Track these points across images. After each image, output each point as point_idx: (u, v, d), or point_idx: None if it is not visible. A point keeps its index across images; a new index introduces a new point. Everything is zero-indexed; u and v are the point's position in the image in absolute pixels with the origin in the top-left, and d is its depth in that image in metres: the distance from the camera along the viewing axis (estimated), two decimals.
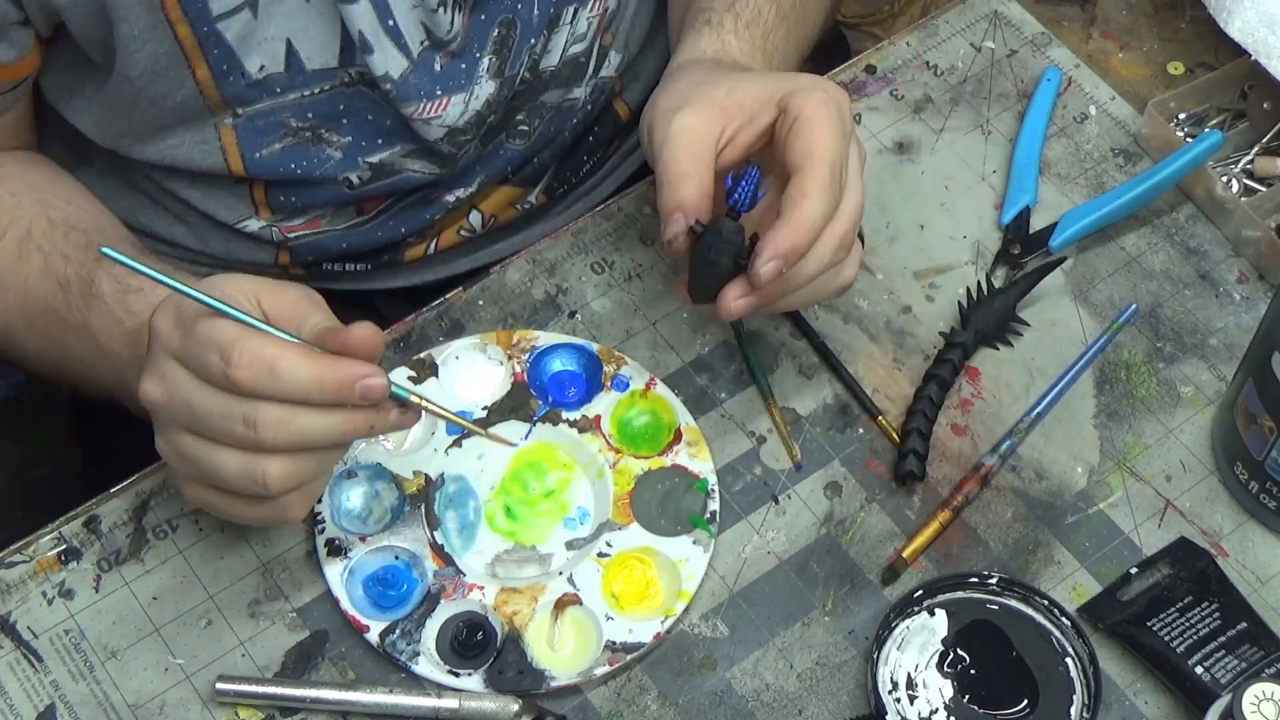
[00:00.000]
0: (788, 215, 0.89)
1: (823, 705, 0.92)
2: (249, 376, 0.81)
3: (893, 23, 1.85)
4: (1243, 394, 0.95)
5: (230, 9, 0.98)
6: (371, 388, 0.83)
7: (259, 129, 1.06)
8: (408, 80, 1.05)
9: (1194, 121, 1.13)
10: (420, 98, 1.06)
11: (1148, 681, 0.93)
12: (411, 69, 1.05)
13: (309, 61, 1.03)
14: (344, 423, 0.84)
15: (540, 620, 0.93)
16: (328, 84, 1.05)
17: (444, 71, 1.07)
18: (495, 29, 1.08)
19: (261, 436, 0.82)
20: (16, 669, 0.92)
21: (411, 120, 1.07)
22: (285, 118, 1.06)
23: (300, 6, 1.01)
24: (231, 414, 0.82)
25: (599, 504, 0.97)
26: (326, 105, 1.06)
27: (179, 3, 0.97)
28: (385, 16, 1.02)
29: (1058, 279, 1.07)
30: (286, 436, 0.82)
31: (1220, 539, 0.98)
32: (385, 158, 1.10)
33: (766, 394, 1.02)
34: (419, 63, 1.05)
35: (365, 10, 1.01)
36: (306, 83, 1.04)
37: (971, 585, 0.94)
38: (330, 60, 1.04)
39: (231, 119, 1.05)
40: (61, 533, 0.96)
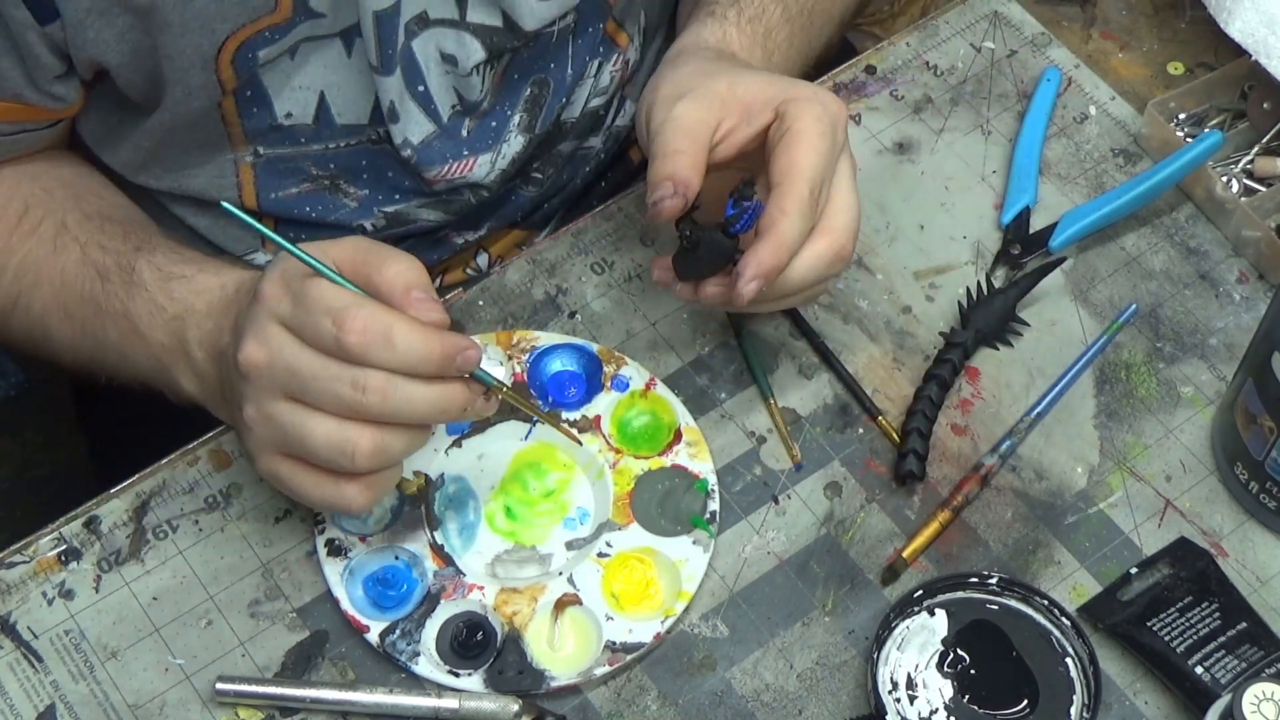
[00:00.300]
0: (768, 234, 0.90)
1: (823, 705, 0.92)
2: (362, 341, 0.81)
3: (893, 23, 1.85)
4: (1243, 394, 0.95)
5: (274, 58, 0.99)
6: (469, 358, 0.84)
7: (278, 171, 1.06)
8: (430, 145, 1.06)
9: (1194, 121, 1.13)
10: (444, 160, 1.07)
11: (1148, 681, 0.93)
12: (438, 133, 1.05)
13: (339, 116, 1.04)
14: (443, 396, 0.85)
15: (540, 620, 0.93)
16: (354, 139, 1.06)
17: (472, 134, 1.07)
18: (528, 88, 1.08)
19: (368, 400, 0.82)
20: (16, 669, 0.92)
21: (434, 182, 1.08)
22: (305, 165, 1.06)
23: (339, 61, 1.01)
24: (339, 377, 0.82)
25: (599, 504, 0.97)
26: (349, 158, 1.07)
27: (232, 62, 0.97)
28: (415, 82, 1.03)
29: (1058, 279, 1.07)
30: (391, 404, 0.83)
31: (1220, 539, 0.98)
32: (401, 209, 1.11)
33: (767, 394, 1.02)
34: (448, 127, 1.06)
35: (396, 79, 1.02)
36: (333, 136, 1.05)
37: (971, 585, 0.94)
38: (361, 118, 1.05)
39: (252, 157, 1.05)
40: (61, 533, 0.96)
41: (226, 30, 0.95)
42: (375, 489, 0.87)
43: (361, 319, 0.82)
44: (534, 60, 1.08)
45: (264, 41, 0.97)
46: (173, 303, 0.95)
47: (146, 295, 0.95)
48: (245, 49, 0.97)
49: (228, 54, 0.97)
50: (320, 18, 0.98)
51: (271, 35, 0.97)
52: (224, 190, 1.07)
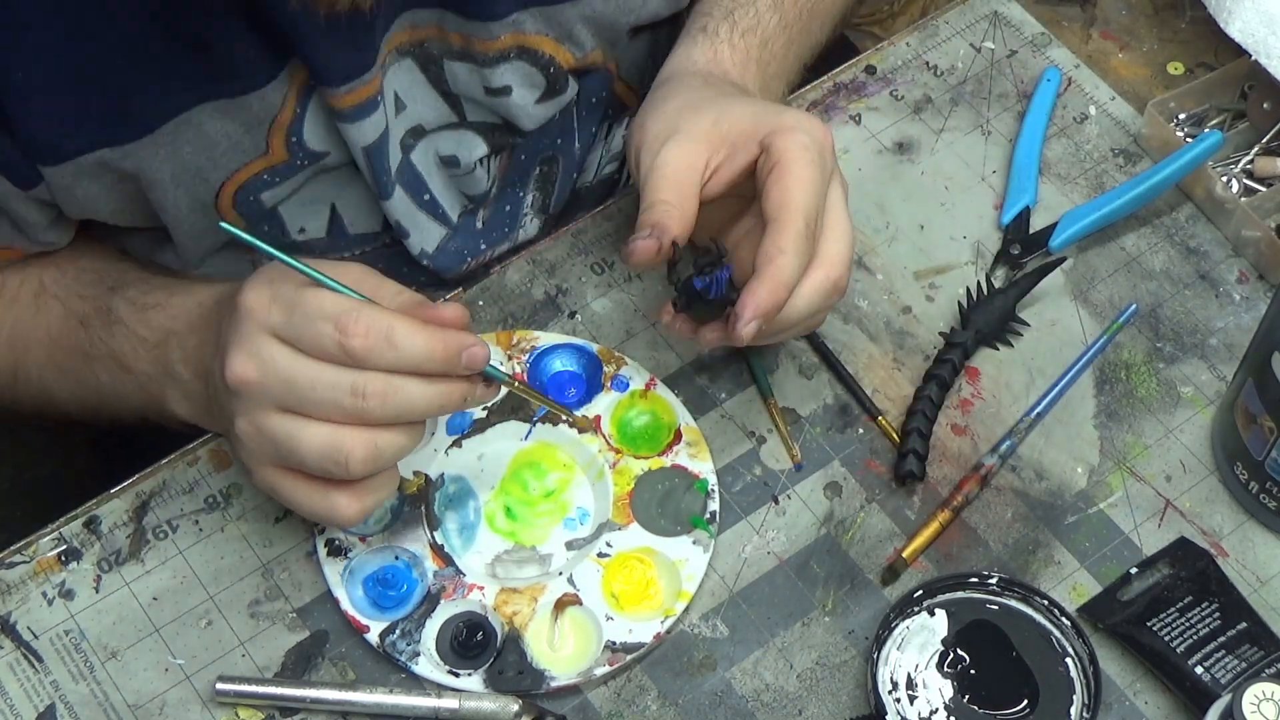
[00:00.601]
0: (764, 273, 0.88)
1: (823, 705, 0.92)
2: (365, 345, 0.81)
3: (893, 23, 1.85)
4: (1243, 394, 0.95)
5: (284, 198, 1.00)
6: (476, 356, 0.84)
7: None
8: (446, 250, 1.06)
9: (1194, 121, 1.13)
10: (463, 259, 1.08)
11: (1148, 681, 0.93)
12: (451, 235, 1.06)
13: (352, 227, 1.05)
14: (444, 393, 0.84)
15: (540, 620, 0.93)
16: (369, 246, 1.07)
17: (487, 225, 1.08)
18: (537, 168, 1.08)
19: (369, 405, 0.82)
20: (16, 669, 0.92)
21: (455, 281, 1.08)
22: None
23: (349, 177, 1.01)
24: (339, 384, 0.82)
25: (599, 504, 0.97)
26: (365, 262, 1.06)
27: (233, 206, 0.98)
28: (420, 192, 1.03)
29: (1058, 279, 1.07)
30: (392, 407, 0.83)
31: (1220, 539, 0.98)
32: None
33: (766, 394, 1.02)
34: (460, 226, 1.06)
35: (400, 198, 1.02)
36: (348, 245, 1.06)
37: (971, 585, 0.94)
38: (374, 226, 1.05)
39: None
40: (61, 533, 0.96)
41: (220, 178, 0.96)
42: (366, 497, 0.86)
43: (364, 321, 0.81)
44: (538, 141, 1.07)
45: (263, 184, 0.98)
46: (152, 331, 0.95)
47: (126, 330, 0.96)
48: (244, 192, 0.97)
49: (227, 199, 0.97)
50: (322, 156, 0.98)
51: (270, 178, 0.97)
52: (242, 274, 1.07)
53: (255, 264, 1.05)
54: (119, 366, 0.96)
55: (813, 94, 1.15)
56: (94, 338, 0.97)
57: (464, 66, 1.00)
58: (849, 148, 1.13)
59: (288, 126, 0.96)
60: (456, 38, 0.99)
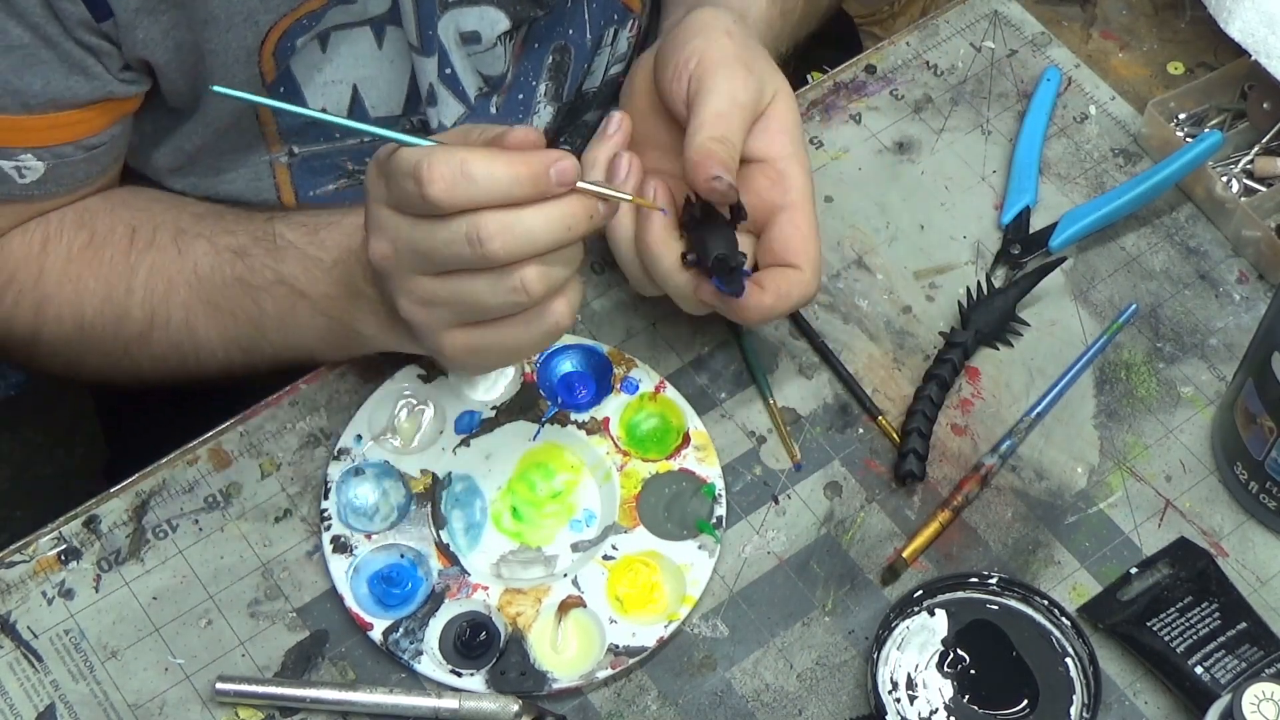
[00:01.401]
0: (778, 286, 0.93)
1: (823, 705, 0.92)
2: (445, 188, 0.79)
3: (893, 23, 1.85)
4: (1243, 394, 0.95)
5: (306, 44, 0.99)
6: (565, 169, 0.81)
7: (313, 169, 1.06)
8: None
9: (1194, 121, 1.13)
10: None
11: (1148, 681, 0.93)
12: (468, 114, 1.05)
13: (373, 109, 1.04)
14: (564, 214, 0.82)
15: (544, 622, 0.93)
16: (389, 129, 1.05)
17: (501, 111, 1.07)
18: (550, 56, 1.08)
19: (490, 249, 0.80)
20: (16, 669, 0.92)
21: None
22: (341, 160, 1.06)
23: (370, 52, 1.01)
24: (453, 237, 0.80)
25: (605, 506, 0.97)
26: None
27: (274, 53, 0.97)
28: (443, 66, 1.02)
29: (1058, 279, 1.07)
30: (515, 242, 0.80)
31: (1220, 539, 0.98)
32: None
33: (766, 394, 1.02)
34: (476, 108, 1.06)
35: (434, 62, 1.01)
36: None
37: (971, 585, 0.94)
38: (395, 108, 1.05)
39: (287, 157, 1.05)
40: (61, 533, 0.96)
41: (269, 21, 0.95)
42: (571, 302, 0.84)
43: (435, 166, 0.79)
44: (552, 27, 1.07)
45: (300, 30, 0.97)
46: (327, 251, 0.93)
47: (298, 253, 0.93)
48: (286, 38, 0.96)
49: (270, 45, 0.96)
50: (350, 3, 0.97)
51: (309, 23, 0.97)
52: (262, 193, 1.07)
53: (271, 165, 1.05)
54: (291, 291, 0.94)
55: (813, 94, 1.15)
56: (256, 266, 0.95)
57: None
58: (849, 147, 1.13)
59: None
60: None
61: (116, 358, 1.01)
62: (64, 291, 0.99)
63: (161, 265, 0.98)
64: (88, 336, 1.00)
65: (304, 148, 1.05)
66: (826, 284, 1.07)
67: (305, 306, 0.94)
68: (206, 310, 0.97)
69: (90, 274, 0.99)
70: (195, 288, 0.97)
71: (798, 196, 0.94)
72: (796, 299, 0.94)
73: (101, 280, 0.99)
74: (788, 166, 0.95)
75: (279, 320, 0.96)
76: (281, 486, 0.98)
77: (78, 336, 1.01)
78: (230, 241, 0.96)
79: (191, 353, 1.00)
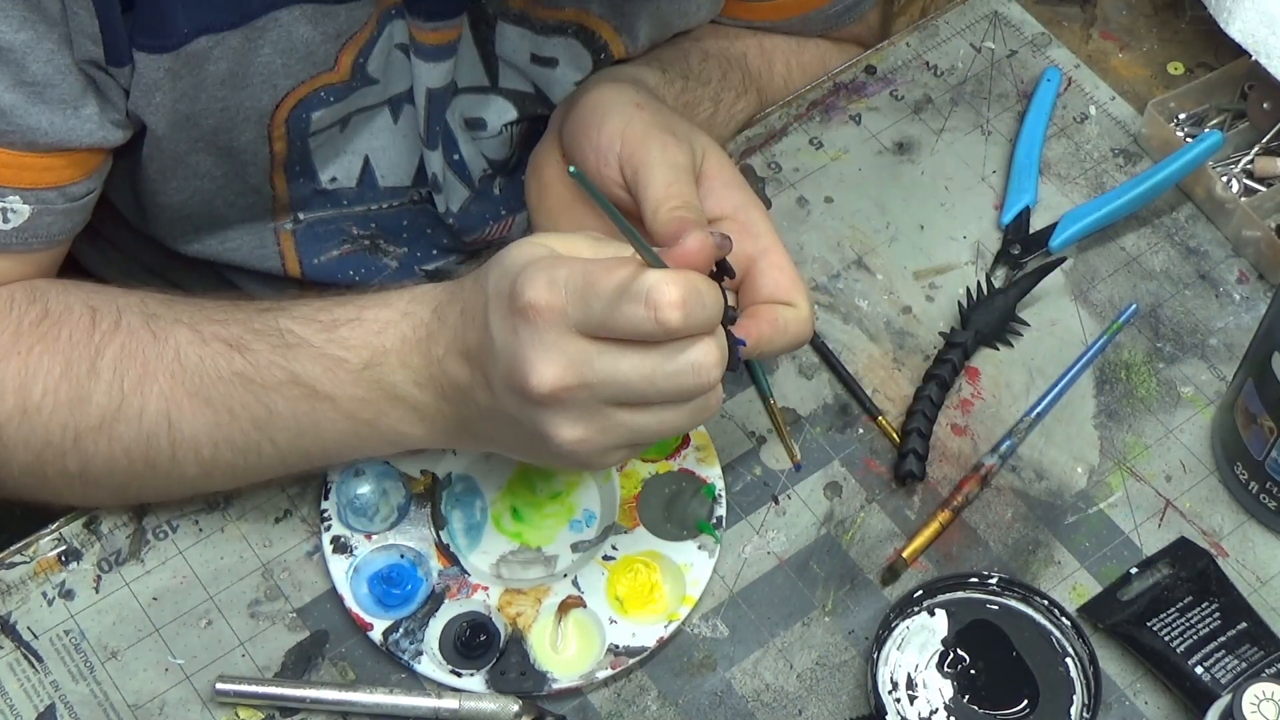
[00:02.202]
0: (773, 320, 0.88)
1: (823, 705, 0.92)
2: (682, 314, 0.74)
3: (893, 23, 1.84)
4: (1243, 394, 0.95)
5: (326, 125, 0.98)
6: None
7: (318, 235, 1.06)
8: (469, 211, 1.06)
9: (1194, 121, 1.13)
10: (485, 223, 1.08)
11: (1148, 681, 0.93)
12: (473, 198, 1.05)
13: (383, 180, 1.04)
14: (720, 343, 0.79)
15: (544, 622, 0.93)
16: (397, 200, 1.06)
17: (504, 194, 1.07)
18: None
19: (713, 376, 0.77)
20: (16, 669, 0.92)
21: (474, 244, 1.08)
22: (346, 225, 1.06)
23: (386, 126, 1.01)
24: (678, 370, 0.76)
25: (605, 507, 0.97)
26: (391, 219, 1.07)
27: (285, 121, 0.96)
28: (451, 151, 1.03)
29: (1058, 279, 1.07)
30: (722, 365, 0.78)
31: (1220, 539, 0.98)
32: (441, 266, 1.11)
33: (766, 394, 1.02)
34: (480, 191, 1.06)
35: (438, 154, 1.02)
36: (376, 198, 1.05)
37: (971, 585, 0.94)
38: (404, 180, 1.05)
39: (291, 224, 1.05)
40: (61, 533, 0.96)
41: (287, 87, 0.94)
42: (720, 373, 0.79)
43: (674, 290, 0.74)
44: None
45: (319, 102, 0.96)
46: (353, 351, 0.84)
47: (314, 351, 0.85)
48: (301, 108, 0.95)
49: (284, 111, 0.95)
50: (374, 84, 0.97)
51: (327, 96, 0.96)
52: (266, 260, 1.06)
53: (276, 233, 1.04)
54: (310, 394, 0.85)
55: (813, 94, 1.15)
56: (260, 364, 0.86)
57: (517, 30, 0.99)
58: (849, 147, 1.13)
59: (361, 46, 0.94)
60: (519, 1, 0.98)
61: (57, 454, 0.89)
62: (10, 366, 0.88)
63: (134, 349, 0.87)
64: (30, 422, 0.88)
65: (310, 214, 1.05)
66: (827, 284, 1.07)
67: (327, 409, 0.86)
68: (195, 404, 0.87)
69: (45, 349, 0.88)
70: (180, 378, 0.87)
71: (769, 240, 0.91)
72: (794, 334, 0.89)
73: (59, 357, 0.88)
74: (748, 215, 0.92)
75: (292, 422, 0.87)
76: (281, 487, 0.98)
77: (19, 421, 0.88)
78: (220, 331, 0.87)
79: (166, 449, 0.88)
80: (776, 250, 0.91)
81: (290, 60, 0.92)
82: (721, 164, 0.94)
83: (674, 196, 0.89)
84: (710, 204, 0.92)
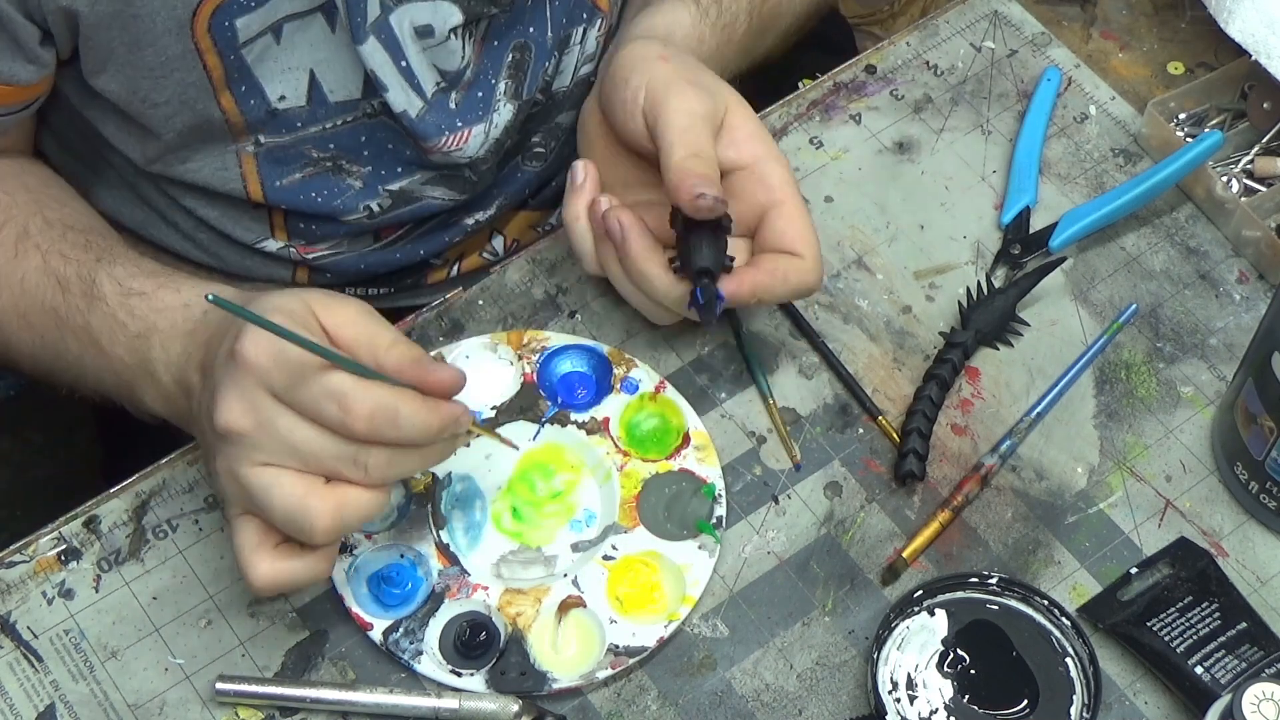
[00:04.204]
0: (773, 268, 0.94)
1: (823, 705, 0.92)
2: (369, 427, 0.82)
3: (893, 23, 1.85)
4: (1243, 394, 0.95)
5: (255, 34, 0.98)
6: (465, 422, 0.86)
7: (279, 159, 1.06)
8: (424, 119, 1.06)
9: (1194, 121, 1.13)
10: (440, 132, 1.07)
11: (1148, 681, 0.93)
12: (427, 109, 1.05)
13: (331, 94, 1.04)
14: (434, 455, 0.87)
15: (544, 622, 0.93)
16: (350, 115, 1.06)
17: (460, 107, 1.07)
18: (509, 54, 1.08)
19: (371, 475, 0.84)
20: (16, 669, 0.92)
21: (432, 153, 1.07)
22: (306, 149, 1.06)
23: (324, 37, 1.01)
24: (342, 455, 0.83)
25: (605, 506, 0.97)
26: (348, 137, 1.06)
27: (209, 31, 0.96)
28: (398, 58, 1.02)
29: (1058, 279, 1.07)
30: (390, 474, 0.85)
31: (1220, 539, 0.98)
32: (405, 185, 1.10)
33: (766, 394, 1.02)
34: (433, 103, 1.06)
35: (375, 49, 1.01)
36: (329, 115, 1.05)
37: (971, 585, 0.94)
38: (354, 92, 1.04)
39: (253, 147, 1.05)
40: (61, 533, 0.96)
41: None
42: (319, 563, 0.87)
43: (369, 404, 0.82)
44: (512, 25, 1.07)
45: (239, 9, 0.96)
46: (133, 320, 0.93)
47: (107, 310, 0.94)
48: (221, 15, 0.96)
49: (203, 20, 0.96)
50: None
51: (247, 2, 0.96)
52: (229, 182, 1.07)
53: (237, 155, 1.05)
54: (93, 344, 0.95)
55: (813, 94, 1.15)
56: (71, 305, 0.96)
57: None
58: (849, 147, 1.13)
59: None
60: None
61: None
62: None
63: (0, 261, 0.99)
64: None
65: (269, 138, 1.05)
66: (827, 284, 1.07)
67: (103, 360, 0.95)
68: (20, 322, 0.99)
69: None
70: (17, 298, 0.98)
71: (783, 192, 0.95)
72: (795, 284, 0.95)
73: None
74: (765, 167, 0.95)
75: (77, 362, 0.97)
76: None
77: None
78: (58, 266, 0.97)
79: (5, 350, 1.01)
80: (790, 202, 0.95)
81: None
82: (745, 116, 0.97)
83: (686, 145, 0.92)
84: (730, 154, 0.96)
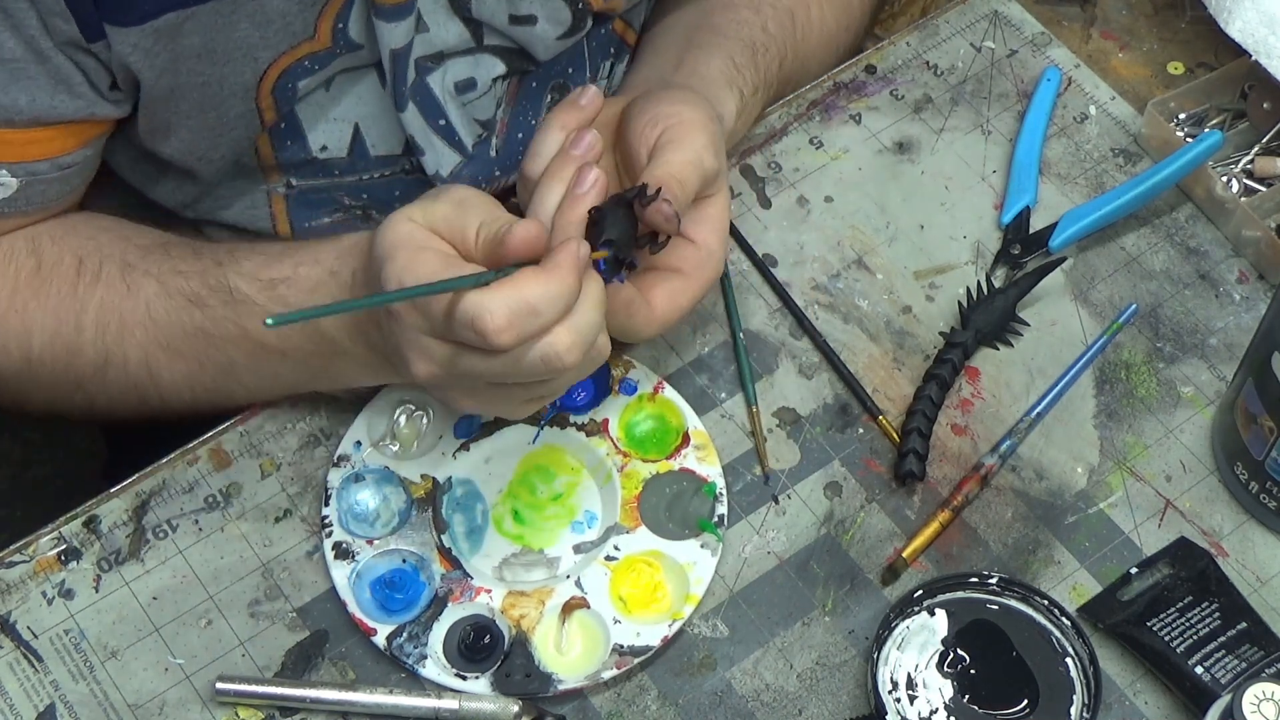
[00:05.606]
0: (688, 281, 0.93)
1: (823, 705, 0.92)
2: (515, 335, 0.80)
3: (893, 23, 1.85)
4: (1243, 394, 0.95)
5: (312, 89, 0.99)
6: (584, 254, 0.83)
7: (310, 202, 1.06)
8: (460, 176, 1.06)
9: (1194, 121, 1.13)
10: (479, 185, 1.07)
11: (1148, 681, 0.93)
12: (465, 164, 1.05)
13: (374, 148, 1.04)
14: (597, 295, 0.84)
15: (547, 623, 0.93)
16: (388, 170, 1.06)
17: (501, 154, 1.08)
18: (549, 94, 1.08)
19: (567, 362, 0.82)
20: (16, 669, 0.92)
21: None
22: (338, 195, 1.06)
23: (374, 92, 1.01)
24: (529, 364, 0.81)
25: (607, 507, 0.97)
26: (382, 189, 1.07)
27: (272, 91, 0.97)
28: (436, 118, 1.03)
29: (1058, 279, 1.07)
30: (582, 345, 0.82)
31: (1220, 539, 0.98)
32: None
33: (751, 400, 1.01)
34: (474, 155, 1.06)
35: (414, 115, 1.02)
36: (367, 168, 1.05)
37: (971, 585, 0.94)
38: (395, 149, 1.05)
39: (284, 189, 1.05)
40: (61, 533, 0.96)
41: (268, 58, 0.94)
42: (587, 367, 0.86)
43: (498, 315, 0.79)
44: (550, 67, 1.07)
45: (304, 71, 0.96)
46: (291, 308, 0.91)
47: (259, 310, 0.92)
48: (286, 78, 0.96)
49: (269, 82, 0.96)
50: (358, 49, 0.97)
51: (311, 65, 0.96)
52: (258, 220, 1.07)
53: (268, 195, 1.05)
54: (260, 347, 0.93)
55: (813, 94, 1.15)
56: (216, 317, 0.93)
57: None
58: (849, 147, 1.13)
59: (337, 12, 0.95)
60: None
61: (68, 392, 0.99)
62: (10, 322, 0.97)
63: (111, 302, 0.95)
64: (35, 370, 0.98)
65: (302, 181, 1.05)
66: (827, 284, 1.07)
67: (279, 360, 0.94)
68: (167, 355, 0.95)
69: (38, 305, 0.96)
70: (152, 332, 0.95)
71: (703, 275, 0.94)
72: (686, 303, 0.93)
73: (49, 313, 0.96)
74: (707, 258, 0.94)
75: (253, 370, 0.95)
76: (281, 486, 0.98)
77: (25, 369, 0.98)
78: (180, 285, 0.94)
79: (154, 393, 0.97)
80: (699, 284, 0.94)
81: (268, 32, 0.93)
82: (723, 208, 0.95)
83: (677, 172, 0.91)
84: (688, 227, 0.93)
